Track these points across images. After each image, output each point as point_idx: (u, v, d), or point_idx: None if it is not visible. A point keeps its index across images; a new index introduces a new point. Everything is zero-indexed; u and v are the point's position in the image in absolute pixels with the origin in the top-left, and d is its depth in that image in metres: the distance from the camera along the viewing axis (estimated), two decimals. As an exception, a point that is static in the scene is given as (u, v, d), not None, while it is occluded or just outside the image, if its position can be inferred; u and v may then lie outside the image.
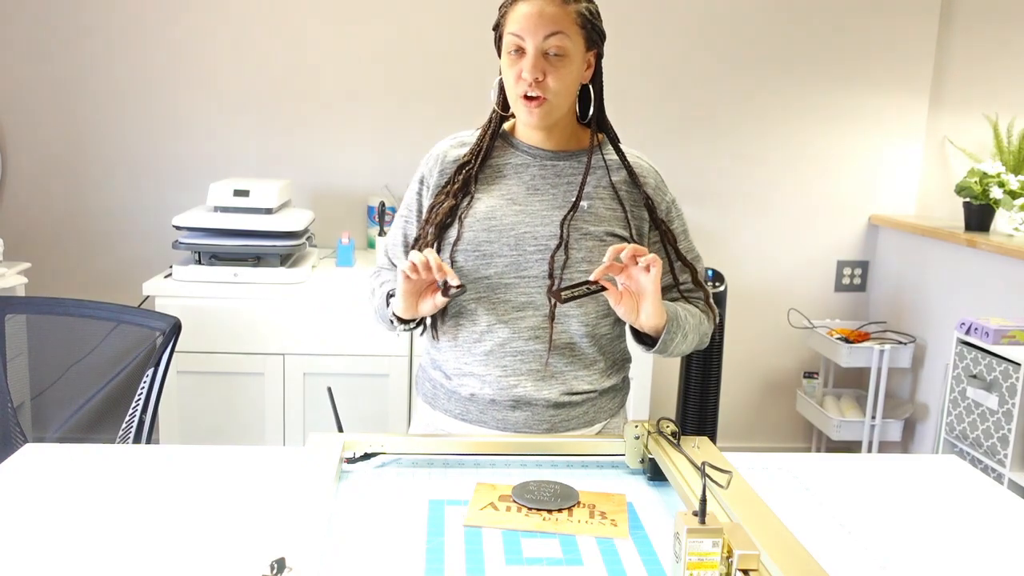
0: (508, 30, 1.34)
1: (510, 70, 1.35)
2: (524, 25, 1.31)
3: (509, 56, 1.35)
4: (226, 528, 1.09)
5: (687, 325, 1.38)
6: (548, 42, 1.31)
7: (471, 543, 1.07)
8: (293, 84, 3.12)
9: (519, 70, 1.33)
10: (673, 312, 1.35)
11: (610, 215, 1.40)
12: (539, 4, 1.31)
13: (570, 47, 1.33)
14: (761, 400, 3.50)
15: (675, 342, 1.36)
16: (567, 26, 1.32)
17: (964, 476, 1.37)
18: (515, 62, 1.34)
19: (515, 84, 1.35)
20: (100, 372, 1.86)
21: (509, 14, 1.34)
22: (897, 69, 3.27)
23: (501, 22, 1.37)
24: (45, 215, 3.14)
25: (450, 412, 1.46)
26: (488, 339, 1.40)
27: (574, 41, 1.33)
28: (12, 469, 1.26)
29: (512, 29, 1.33)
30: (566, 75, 1.34)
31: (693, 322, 1.40)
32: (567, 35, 1.32)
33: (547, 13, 1.31)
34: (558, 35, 1.31)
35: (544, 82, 1.32)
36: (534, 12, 1.31)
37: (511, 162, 1.44)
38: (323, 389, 1.51)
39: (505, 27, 1.35)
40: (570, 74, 1.35)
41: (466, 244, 1.39)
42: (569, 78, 1.35)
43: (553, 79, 1.33)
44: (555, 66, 1.32)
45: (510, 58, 1.35)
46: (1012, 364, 2.36)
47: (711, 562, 0.89)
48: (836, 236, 3.40)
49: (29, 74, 3.05)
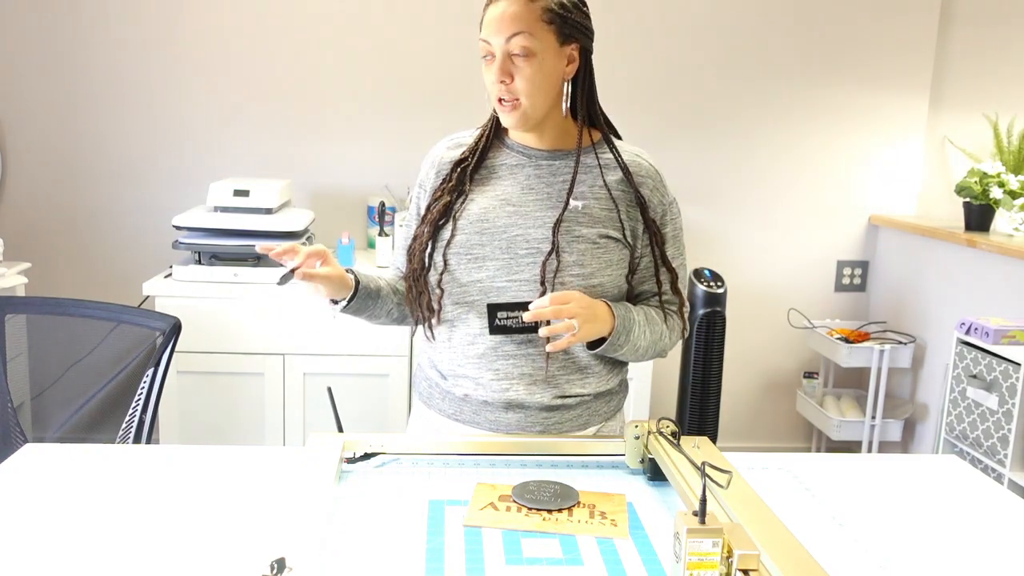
0: (480, 35, 1.34)
1: (486, 75, 1.36)
2: (488, 29, 1.32)
3: (484, 61, 1.35)
4: (226, 528, 1.09)
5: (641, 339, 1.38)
6: (511, 43, 1.30)
7: (471, 543, 1.07)
8: (293, 84, 3.12)
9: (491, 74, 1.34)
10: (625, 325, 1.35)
11: (604, 216, 1.39)
12: (502, 6, 1.31)
13: (535, 46, 1.31)
14: (761, 400, 3.50)
15: (621, 352, 1.38)
16: (530, 24, 1.30)
17: (964, 476, 1.37)
18: (488, 67, 1.34)
19: (491, 88, 1.36)
20: (100, 372, 1.86)
21: (483, 19, 1.34)
22: (897, 69, 3.27)
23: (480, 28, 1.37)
24: (45, 215, 3.14)
25: (444, 412, 1.46)
26: (481, 342, 1.40)
27: (541, 38, 1.31)
28: (12, 469, 1.26)
29: (482, 34, 1.33)
30: (534, 75, 1.32)
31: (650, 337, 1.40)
32: (531, 34, 1.30)
33: (508, 14, 1.30)
34: (520, 35, 1.30)
35: (512, 84, 1.32)
36: (496, 15, 1.31)
37: (506, 162, 1.44)
38: (323, 389, 1.51)
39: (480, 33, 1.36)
40: (538, 73, 1.32)
41: (458, 247, 1.39)
42: (538, 77, 1.33)
43: (520, 80, 1.32)
44: (520, 67, 1.32)
45: (485, 64, 1.35)
46: (1012, 364, 2.36)
47: (711, 562, 0.89)
48: (836, 236, 3.40)
49: (29, 74, 3.05)
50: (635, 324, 1.37)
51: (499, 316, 1.30)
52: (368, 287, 1.43)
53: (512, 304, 1.31)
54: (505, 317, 1.30)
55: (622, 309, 1.36)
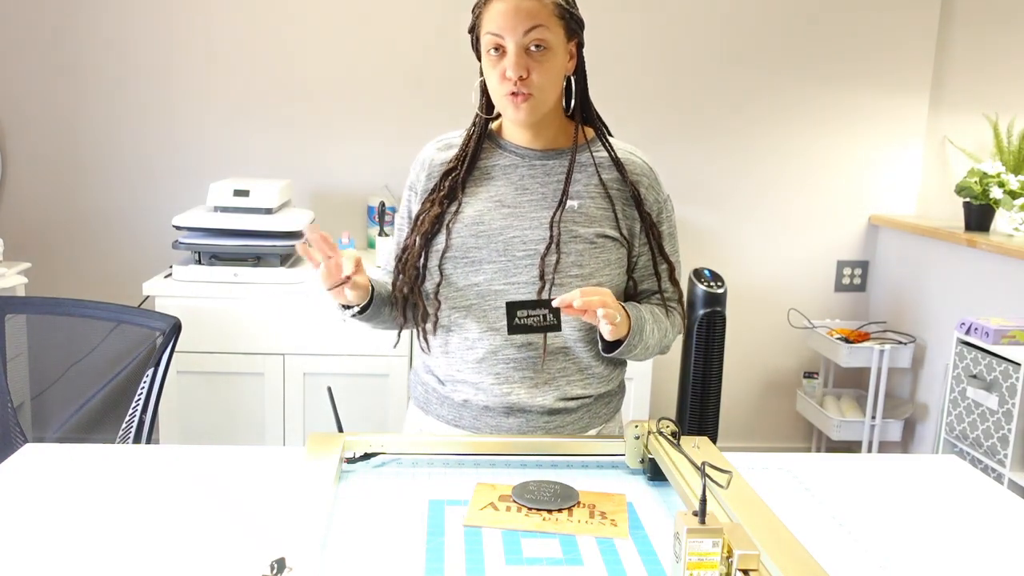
0: (486, 30, 1.31)
1: (493, 70, 1.33)
2: (502, 23, 1.29)
3: (490, 56, 1.32)
4: (226, 528, 1.09)
5: (651, 338, 1.37)
6: (528, 37, 1.29)
7: (471, 543, 1.07)
8: (293, 84, 3.12)
9: (502, 69, 1.31)
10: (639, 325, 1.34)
11: (600, 215, 1.38)
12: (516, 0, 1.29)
13: (551, 39, 1.30)
14: (761, 400, 3.50)
15: (634, 352, 1.37)
16: (546, 18, 1.29)
17: (964, 476, 1.37)
18: (497, 62, 1.32)
19: (499, 84, 1.32)
20: (100, 372, 1.86)
21: (484, 14, 1.32)
22: (897, 69, 3.27)
23: (477, 23, 1.35)
24: (45, 215, 3.14)
25: (443, 417, 1.45)
26: (480, 346, 1.38)
27: (555, 33, 1.31)
28: (12, 469, 1.26)
29: (490, 28, 1.30)
30: (550, 68, 1.32)
31: (658, 335, 1.39)
32: (547, 27, 1.29)
33: (524, 8, 1.28)
34: (538, 28, 1.29)
35: (529, 78, 1.30)
36: (511, 8, 1.28)
37: (499, 163, 1.42)
38: (323, 389, 1.51)
39: (482, 27, 1.33)
40: (554, 67, 1.32)
41: (454, 252, 1.37)
42: (554, 71, 1.32)
43: (537, 74, 1.30)
44: (538, 61, 1.30)
45: (491, 58, 1.32)
46: (1012, 364, 2.36)
47: (711, 562, 0.89)
48: (836, 236, 3.40)
49: (29, 74, 3.05)
50: (646, 323, 1.36)
51: (519, 315, 1.25)
52: (381, 294, 1.41)
53: (533, 302, 1.27)
54: (525, 315, 1.26)
55: (633, 309, 1.35)
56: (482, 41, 1.34)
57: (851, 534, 1.14)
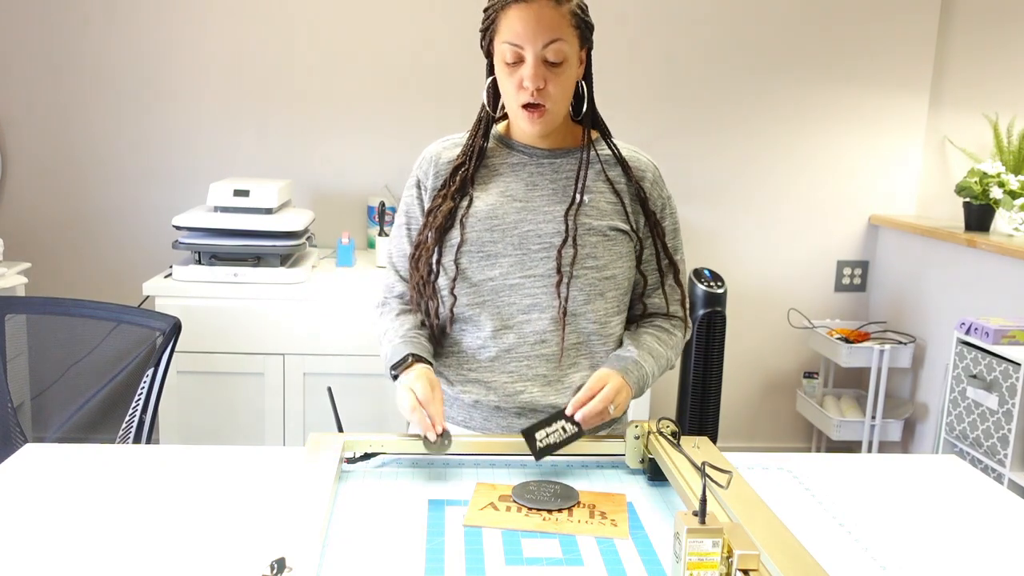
0: (504, 39, 1.30)
1: (509, 80, 1.32)
2: (522, 33, 1.28)
3: (507, 66, 1.31)
4: (226, 528, 1.09)
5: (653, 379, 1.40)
6: (548, 49, 1.29)
7: (471, 543, 1.07)
8: (293, 84, 3.12)
9: (519, 79, 1.30)
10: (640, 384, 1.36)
11: (611, 208, 1.39)
12: (535, 9, 1.27)
13: (568, 51, 1.30)
14: (761, 400, 3.50)
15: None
16: (564, 30, 1.29)
17: (964, 476, 1.37)
18: (514, 71, 1.31)
19: (516, 93, 1.32)
20: (100, 372, 1.86)
21: (501, 20, 1.30)
22: (897, 69, 3.27)
23: (492, 28, 1.33)
24: (45, 215, 3.14)
25: (452, 419, 1.45)
26: (493, 345, 1.39)
27: (571, 44, 1.31)
28: (12, 469, 1.26)
29: (508, 38, 1.29)
30: (566, 80, 1.32)
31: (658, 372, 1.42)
32: (564, 40, 1.29)
33: (545, 19, 1.27)
34: (557, 42, 1.28)
35: (545, 90, 1.30)
36: (531, 19, 1.27)
37: (508, 161, 1.42)
38: (323, 389, 1.50)
39: (498, 34, 1.31)
40: (570, 79, 1.33)
41: (469, 246, 1.37)
42: (569, 82, 1.33)
43: (554, 86, 1.31)
44: (555, 73, 1.30)
45: (508, 68, 1.31)
46: (1012, 364, 2.36)
47: (711, 562, 0.89)
48: (836, 236, 3.40)
49: (29, 75, 3.05)
50: (648, 376, 1.38)
51: (538, 437, 1.25)
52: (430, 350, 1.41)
53: (545, 420, 1.27)
54: (545, 436, 1.25)
55: (634, 369, 1.35)
56: (497, 48, 1.33)
57: (851, 534, 1.14)
